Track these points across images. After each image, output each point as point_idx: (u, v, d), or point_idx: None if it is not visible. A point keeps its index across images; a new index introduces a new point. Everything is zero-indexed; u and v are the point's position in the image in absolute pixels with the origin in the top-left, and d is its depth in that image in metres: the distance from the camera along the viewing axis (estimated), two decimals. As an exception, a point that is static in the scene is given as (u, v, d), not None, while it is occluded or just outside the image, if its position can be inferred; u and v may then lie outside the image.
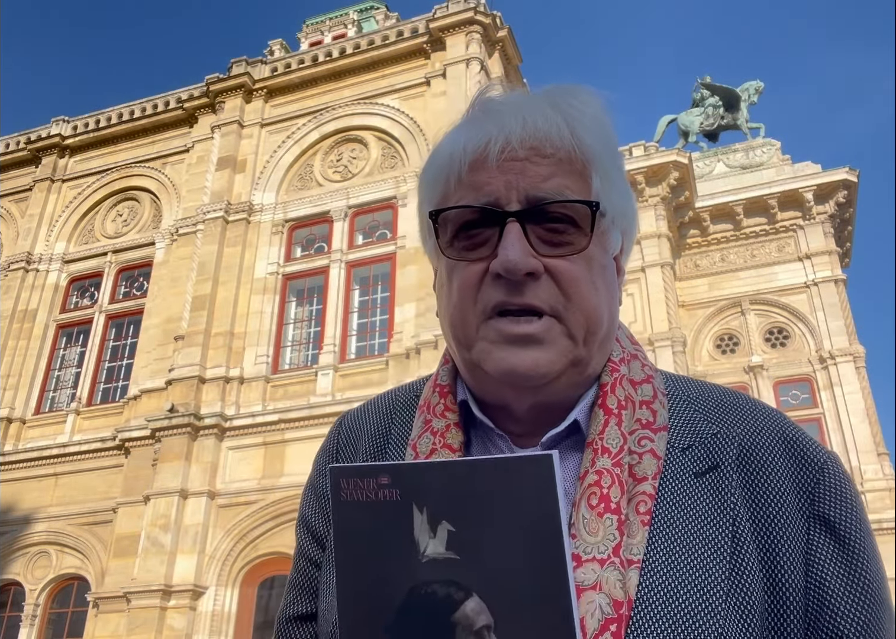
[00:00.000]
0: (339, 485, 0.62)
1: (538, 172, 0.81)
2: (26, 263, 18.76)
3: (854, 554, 0.79)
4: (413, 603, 0.59)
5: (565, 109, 0.83)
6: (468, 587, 0.58)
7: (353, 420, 0.99)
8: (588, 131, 0.83)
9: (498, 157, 0.81)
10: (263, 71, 18.75)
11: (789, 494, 0.80)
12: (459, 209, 0.82)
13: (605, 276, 0.85)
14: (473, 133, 0.84)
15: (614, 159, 0.86)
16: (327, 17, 27.60)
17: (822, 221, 20.65)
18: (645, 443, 0.80)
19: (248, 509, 13.96)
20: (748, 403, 0.88)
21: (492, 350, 0.80)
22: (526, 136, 0.81)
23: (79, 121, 20.47)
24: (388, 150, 17.05)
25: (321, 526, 0.93)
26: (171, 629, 13.21)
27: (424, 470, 0.63)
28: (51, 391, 17.68)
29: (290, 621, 0.93)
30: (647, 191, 19.41)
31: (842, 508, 0.81)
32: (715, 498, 0.79)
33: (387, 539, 0.60)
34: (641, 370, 0.88)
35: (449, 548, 0.59)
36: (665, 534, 0.76)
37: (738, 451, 0.82)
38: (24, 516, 15.49)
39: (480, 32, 17.16)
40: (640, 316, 18.00)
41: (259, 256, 16.73)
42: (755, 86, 24.39)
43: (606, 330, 0.85)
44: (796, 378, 19.36)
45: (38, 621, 14.90)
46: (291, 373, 15.44)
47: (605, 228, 0.85)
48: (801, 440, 0.85)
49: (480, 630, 0.57)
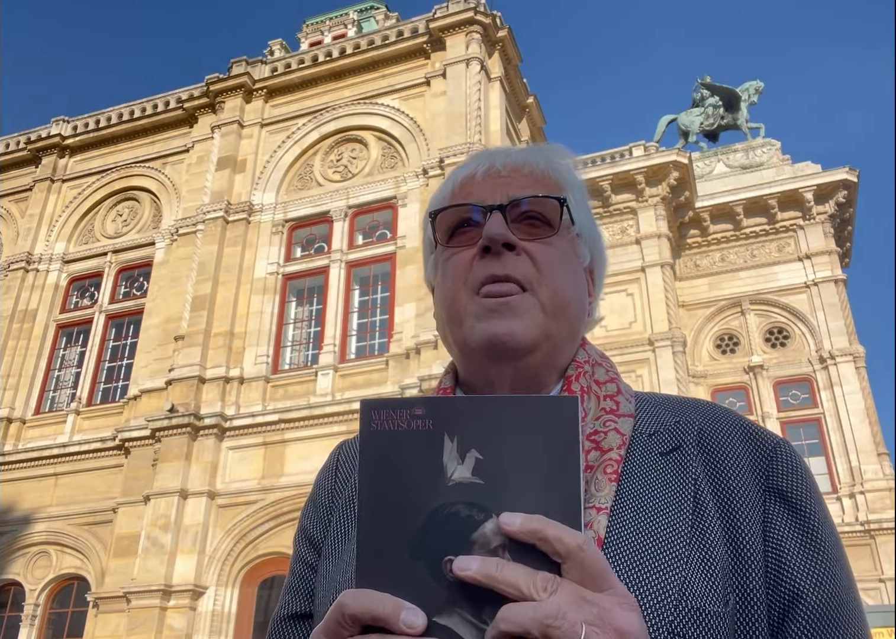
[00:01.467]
0: (371, 416, 0.66)
1: (518, 184, 0.97)
2: (26, 263, 18.76)
3: (807, 518, 0.86)
4: (435, 521, 0.63)
5: (543, 151, 1.03)
6: (489, 509, 0.63)
7: (352, 443, 1.07)
8: (562, 169, 1.01)
9: (484, 174, 0.99)
10: (263, 71, 18.76)
11: (746, 472, 0.88)
12: (453, 209, 0.98)
13: (575, 273, 0.98)
14: (468, 164, 1.03)
15: (583, 196, 1.02)
16: (327, 17, 27.61)
17: (822, 221, 20.66)
18: (609, 424, 0.89)
19: (248, 509, 13.96)
20: (708, 403, 0.98)
21: (476, 323, 0.91)
22: (508, 162, 1.00)
23: (79, 121, 20.48)
24: (388, 150, 17.05)
25: (318, 533, 0.99)
26: (171, 629, 13.21)
27: (457, 403, 0.68)
28: (51, 391, 17.69)
29: (285, 621, 0.97)
30: (647, 191, 19.42)
31: (794, 480, 0.88)
32: (678, 472, 0.87)
33: (415, 464, 0.65)
34: (606, 374, 0.97)
35: (475, 474, 0.64)
36: (632, 491, 0.84)
37: (699, 435, 0.91)
38: (24, 516, 15.49)
39: (480, 32, 17.17)
40: (640, 316, 18.01)
41: (259, 256, 16.73)
42: (755, 86, 24.41)
43: (576, 320, 0.96)
44: (796, 378, 19.37)
45: (38, 621, 14.91)
46: (291, 373, 15.44)
47: (573, 236, 0.99)
48: (755, 428, 0.93)
49: (496, 549, 0.62)
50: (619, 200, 19.62)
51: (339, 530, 0.95)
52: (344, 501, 0.98)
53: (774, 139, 23.06)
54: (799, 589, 0.82)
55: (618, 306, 18.06)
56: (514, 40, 18.04)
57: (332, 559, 0.92)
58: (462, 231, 0.97)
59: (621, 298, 18.07)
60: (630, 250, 18.98)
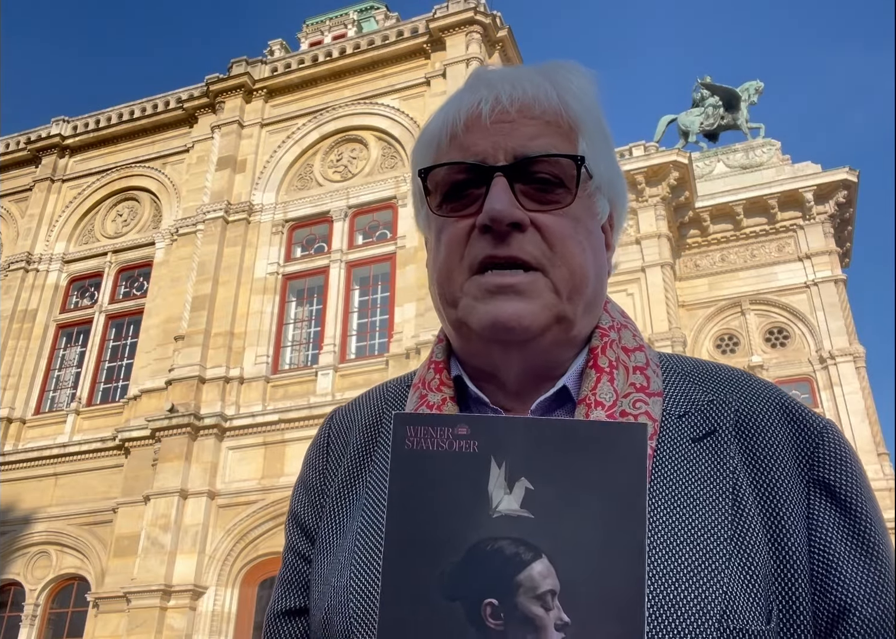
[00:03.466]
0: (405, 433, 0.59)
1: (525, 132, 0.81)
2: (26, 263, 18.75)
3: (856, 518, 0.77)
4: (477, 557, 0.56)
5: (553, 78, 0.85)
6: (538, 548, 0.56)
7: (344, 413, 0.98)
8: (575, 98, 0.84)
9: (489, 116, 0.82)
10: (263, 71, 18.75)
11: (788, 459, 0.79)
12: (448, 167, 0.83)
13: (592, 239, 0.84)
14: (466, 97, 0.85)
15: (601, 129, 0.86)
16: (327, 17, 27.59)
17: (822, 221, 20.65)
18: (640, 405, 0.79)
19: (248, 509, 13.96)
20: (742, 374, 0.87)
21: (476, 305, 0.79)
22: (515, 97, 0.82)
23: (79, 121, 20.47)
24: (388, 150, 17.05)
25: (311, 521, 0.91)
26: (171, 629, 13.21)
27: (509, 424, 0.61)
28: (51, 391, 17.68)
29: (280, 617, 0.92)
30: (647, 191, 19.42)
31: (842, 472, 0.79)
32: (714, 462, 0.78)
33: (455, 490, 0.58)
34: (633, 339, 0.87)
35: (524, 506, 0.57)
36: (664, 492, 0.74)
37: (735, 417, 0.81)
38: (24, 516, 15.48)
39: (480, 32, 17.16)
40: (640, 316, 18.00)
41: (259, 256, 16.73)
42: (755, 86, 24.38)
43: (593, 292, 0.83)
44: (796, 378, 19.36)
45: (38, 621, 14.90)
46: (291, 373, 15.43)
47: (590, 192, 0.84)
48: (799, 407, 0.83)
49: (544, 594, 0.55)
50: (619, 200, 19.61)
51: (333, 520, 0.87)
52: (337, 485, 0.90)
53: (774, 139, 23.04)
54: (850, 600, 0.73)
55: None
56: (514, 40, 18.04)
57: (326, 555, 0.85)
58: (458, 193, 0.83)
59: (621, 298, 18.06)
60: (630, 250, 18.98)
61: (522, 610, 0.55)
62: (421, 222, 0.92)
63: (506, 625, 0.55)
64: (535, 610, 0.55)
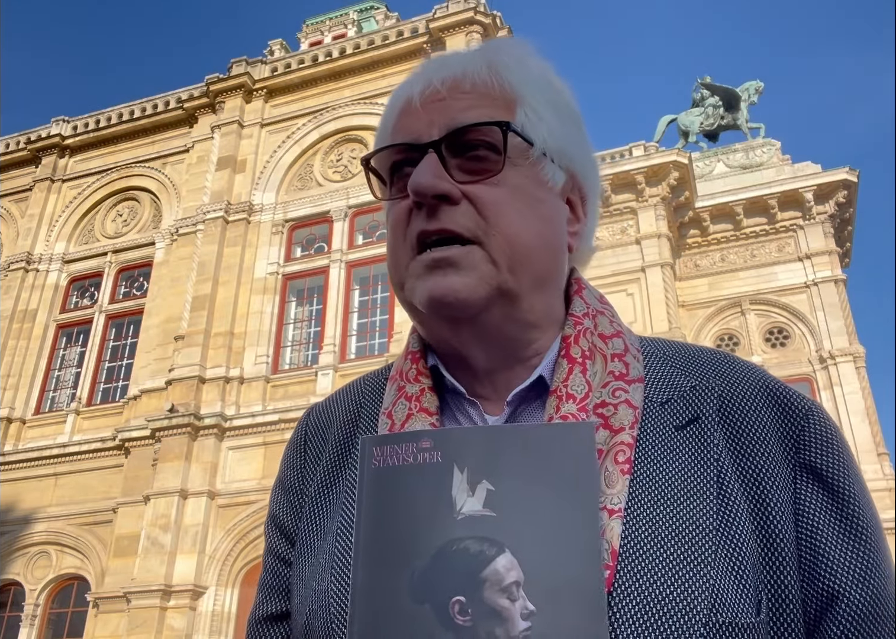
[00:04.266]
0: (373, 453, 0.62)
1: (457, 106, 0.80)
2: (26, 263, 18.76)
3: (845, 502, 0.75)
4: (443, 559, 0.59)
5: (487, 54, 0.85)
6: (501, 544, 0.59)
7: (321, 410, 0.96)
8: (510, 70, 0.83)
9: (420, 97, 0.82)
10: (263, 71, 18.75)
11: (774, 443, 0.77)
12: (387, 151, 0.83)
13: (540, 208, 0.81)
14: (404, 86, 0.86)
15: (548, 99, 0.84)
16: (327, 17, 27.59)
17: (822, 221, 20.66)
18: (619, 394, 0.77)
19: (248, 509, 13.96)
20: (725, 356, 0.85)
21: (416, 284, 0.79)
22: (447, 76, 0.82)
23: (79, 121, 20.47)
24: (388, 150, 17.06)
25: (290, 522, 0.90)
26: (171, 629, 13.21)
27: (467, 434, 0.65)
28: (51, 391, 17.69)
29: (262, 622, 0.90)
30: (647, 191, 19.42)
31: (828, 455, 0.77)
32: (698, 450, 0.76)
33: (421, 499, 0.61)
34: (610, 325, 0.85)
35: (486, 506, 0.60)
36: (647, 484, 0.72)
37: (719, 403, 0.79)
38: (24, 516, 15.49)
39: (480, 32, 17.17)
40: (640, 316, 18.00)
41: (259, 256, 16.74)
42: (755, 86, 24.38)
43: (544, 266, 0.81)
44: (796, 378, 19.35)
45: (38, 621, 14.91)
46: (291, 373, 15.44)
47: (533, 160, 0.81)
48: (783, 389, 0.82)
49: (509, 586, 0.57)
50: (619, 200, 19.62)
51: (313, 521, 0.86)
52: (316, 486, 0.88)
53: (774, 139, 23.04)
54: (840, 586, 0.72)
55: (618, 306, 17.67)
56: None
57: (306, 557, 0.83)
58: (399, 176, 0.82)
59: (621, 298, 18.06)
60: (630, 250, 18.98)
61: (489, 604, 0.57)
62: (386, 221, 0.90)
63: (474, 620, 0.57)
64: (502, 602, 0.57)
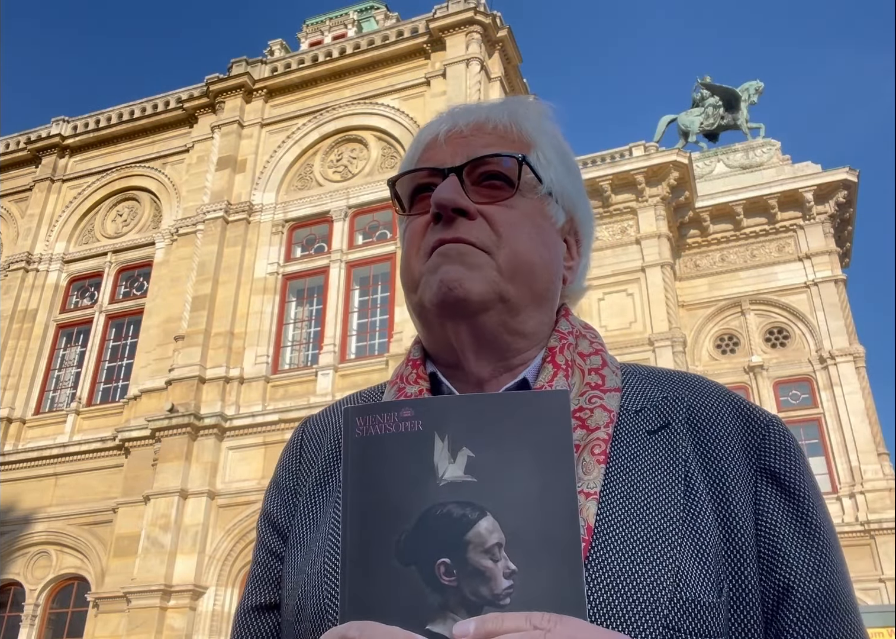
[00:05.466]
0: (355, 423, 0.64)
1: (479, 142, 0.91)
2: (26, 263, 18.76)
3: (800, 502, 0.83)
4: (427, 523, 0.61)
5: (508, 105, 0.97)
6: (483, 508, 0.61)
7: (317, 420, 1.02)
8: (527, 120, 0.94)
9: (445, 135, 0.92)
10: (263, 71, 18.75)
11: (737, 450, 0.84)
12: (412, 174, 0.93)
13: (544, 236, 0.91)
14: (433, 125, 0.97)
15: (557, 151, 0.95)
16: (327, 17, 27.59)
17: (822, 221, 20.67)
18: (595, 400, 0.84)
19: (248, 509, 13.96)
20: (697, 377, 0.94)
21: (429, 278, 0.86)
22: (470, 120, 0.93)
23: (79, 121, 20.47)
24: (388, 150, 17.05)
25: (283, 519, 0.94)
26: (171, 629, 13.21)
27: (447, 402, 0.67)
28: (51, 391, 17.68)
29: (249, 612, 0.93)
30: (647, 191, 19.42)
31: (786, 460, 0.84)
32: (667, 451, 0.83)
33: (404, 467, 0.63)
34: (590, 346, 0.92)
35: (467, 472, 0.62)
36: (620, 475, 0.80)
37: (688, 412, 0.87)
38: (24, 516, 15.49)
39: (480, 32, 17.16)
40: (640, 316, 18.01)
41: (259, 255, 16.74)
42: (755, 86, 24.40)
43: (542, 285, 0.89)
44: (796, 378, 19.37)
45: (38, 621, 14.90)
46: (291, 373, 15.44)
47: (541, 196, 0.92)
48: (747, 404, 0.89)
49: (492, 548, 0.60)
50: (619, 200, 19.62)
51: (307, 516, 0.91)
52: (310, 486, 0.93)
53: (774, 139, 23.07)
54: (794, 577, 0.79)
55: (618, 306, 18.07)
56: (514, 40, 18.04)
57: (299, 548, 0.88)
58: (421, 197, 0.92)
59: (621, 298, 18.08)
60: (630, 250, 18.99)
61: (473, 564, 0.60)
62: (399, 236, 1.00)
63: (459, 580, 0.60)
64: (485, 563, 0.60)
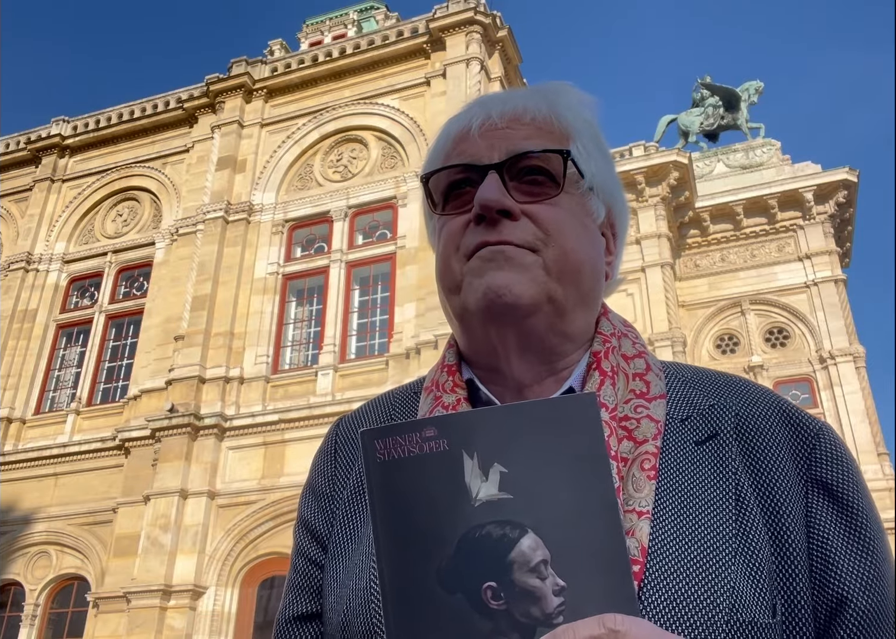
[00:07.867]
0: (375, 447, 0.61)
1: (518, 135, 0.86)
2: (26, 263, 18.75)
3: (853, 514, 0.80)
4: (467, 546, 0.58)
5: (545, 93, 0.91)
6: (523, 525, 0.59)
7: (350, 420, 1.00)
8: (567, 109, 0.89)
9: (479, 128, 0.87)
10: (263, 71, 18.75)
11: (787, 460, 0.82)
12: (447, 171, 0.88)
13: (588, 233, 0.87)
14: (463, 114, 0.92)
15: (595, 142, 0.90)
16: (327, 17, 27.60)
17: (822, 221, 20.65)
18: (641, 410, 0.82)
19: (248, 509, 13.96)
20: (742, 380, 0.91)
21: (473, 281, 0.82)
22: (506, 111, 0.88)
23: (79, 121, 20.47)
24: (388, 150, 17.05)
25: (322, 526, 0.91)
26: (171, 629, 13.21)
27: (471, 417, 0.63)
28: (51, 391, 17.68)
29: (291, 622, 0.90)
30: (647, 191, 19.42)
31: (838, 471, 0.82)
32: (716, 464, 0.80)
33: (435, 489, 0.60)
34: (633, 347, 0.89)
35: (502, 489, 0.59)
36: (671, 491, 0.77)
37: (735, 421, 0.84)
38: (24, 516, 15.49)
39: (480, 32, 17.16)
40: (640, 316, 18.00)
41: (259, 256, 16.73)
42: (755, 86, 24.38)
43: (587, 285, 0.86)
44: (796, 378, 19.36)
45: (38, 621, 14.90)
46: (291, 373, 15.44)
47: (583, 191, 0.88)
48: (796, 411, 0.87)
49: (538, 565, 0.58)
50: (619, 200, 19.61)
51: (347, 526, 0.88)
52: (349, 492, 0.90)
53: (774, 139, 23.03)
54: (847, 593, 0.76)
55: (618, 306, 17.88)
56: (514, 40, 18.04)
57: (340, 560, 0.86)
58: (457, 193, 0.88)
59: (621, 298, 18.06)
60: (630, 250, 18.96)
61: (520, 585, 0.57)
62: (430, 234, 0.95)
63: (507, 603, 0.57)
64: (532, 582, 0.57)
